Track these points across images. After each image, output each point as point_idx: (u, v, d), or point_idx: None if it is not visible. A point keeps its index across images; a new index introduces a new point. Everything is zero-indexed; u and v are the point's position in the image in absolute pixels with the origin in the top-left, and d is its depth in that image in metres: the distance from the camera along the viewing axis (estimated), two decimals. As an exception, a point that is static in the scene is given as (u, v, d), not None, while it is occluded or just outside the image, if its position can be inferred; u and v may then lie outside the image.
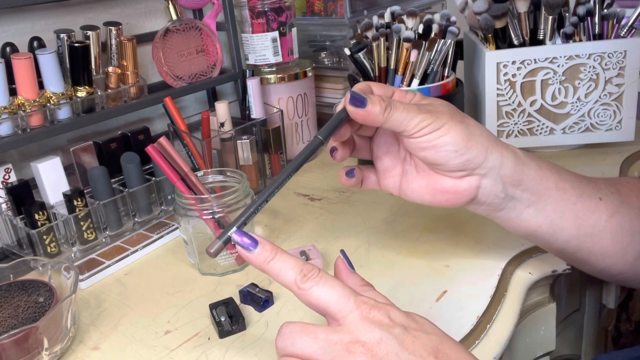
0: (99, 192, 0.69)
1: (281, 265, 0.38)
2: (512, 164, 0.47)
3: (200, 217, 0.60)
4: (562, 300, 0.71)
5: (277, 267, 0.38)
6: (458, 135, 0.45)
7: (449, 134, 0.45)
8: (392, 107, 0.44)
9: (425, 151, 0.46)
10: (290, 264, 0.38)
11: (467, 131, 0.45)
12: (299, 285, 0.37)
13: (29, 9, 0.72)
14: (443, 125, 0.45)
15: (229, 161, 0.79)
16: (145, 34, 0.83)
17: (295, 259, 0.38)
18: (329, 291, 0.37)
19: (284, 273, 0.38)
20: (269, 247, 0.39)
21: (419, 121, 0.45)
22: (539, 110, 0.79)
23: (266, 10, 0.83)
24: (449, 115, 0.45)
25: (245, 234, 0.40)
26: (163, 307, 0.57)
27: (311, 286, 0.37)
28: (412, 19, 0.76)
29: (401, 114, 0.45)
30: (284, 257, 0.38)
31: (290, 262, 0.38)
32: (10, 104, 0.65)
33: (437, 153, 0.45)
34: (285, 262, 0.38)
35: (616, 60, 0.75)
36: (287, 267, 0.38)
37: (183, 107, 0.93)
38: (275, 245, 0.39)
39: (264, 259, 0.38)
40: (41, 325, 0.48)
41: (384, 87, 0.49)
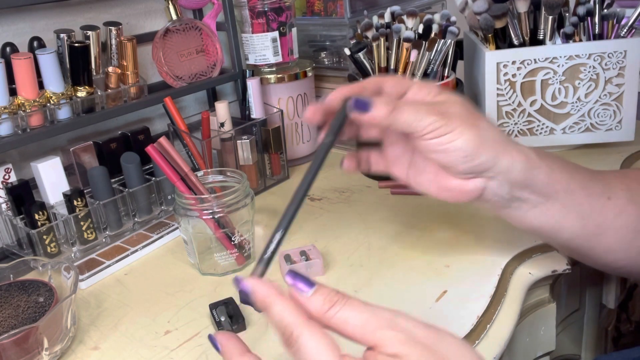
0: (99, 192, 0.69)
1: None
2: (522, 169, 0.45)
3: (200, 217, 0.60)
4: (562, 300, 0.71)
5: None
6: (469, 141, 0.43)
7: (460, 139, 0.43)
8: (398, 110, 0.43)
9: (434, 154, 0.44)
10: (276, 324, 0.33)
11: (478, 136, 0.44)
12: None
13: (29, 9, 0.72)
14: (454, 129, 0.43)
15: (229, 161, 0.79)
16: (145, 34, 0.83)
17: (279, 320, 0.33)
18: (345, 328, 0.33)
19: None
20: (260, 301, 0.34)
21: (428, 124, 0.43)
22: (539, 110, 0.79)
23: (266, 10, 0.83)
24: (461, 118, 0.44)
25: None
26: (163, 307, 0.57)
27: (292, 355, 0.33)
28: (412, 19, 0.76)
29: (408, 116, 0.43)
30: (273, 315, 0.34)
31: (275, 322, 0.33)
32: (10, 104, 0.65)
33: (446, 156, 0.44)
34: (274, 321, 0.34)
35: (616, 60, 0.75)
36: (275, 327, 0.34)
37: (183, 107, 0.93)
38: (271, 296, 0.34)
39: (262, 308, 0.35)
40: (41, 325, 0.48)
41: (399, 82, 0.47)
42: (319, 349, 0.32)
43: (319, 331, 0.32)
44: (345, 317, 0.33)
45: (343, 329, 0.33)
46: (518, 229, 0.62)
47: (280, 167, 0.85)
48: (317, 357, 0.31)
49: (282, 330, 0.33)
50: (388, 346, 0.32)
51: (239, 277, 0.35)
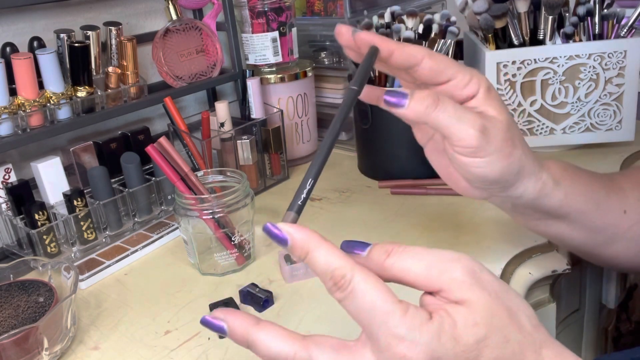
0: (99, 192, 0.69)
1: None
2: (533, 197, 0.44)
3: (200, 217, 0.60)
4: (562, 300, 0.71)
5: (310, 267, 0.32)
6: (495, 173, 0.41)
7: (487, 169, 0.40)
8: (438, 106, 0.37)
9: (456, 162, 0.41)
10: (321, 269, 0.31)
11: (506, 170, 0.41)
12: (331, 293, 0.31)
13: (29, 9, 0.72)
14: (487, 156, 0.39)
15: (229, 161, 0.79)
16: (145, 34, 0.83)
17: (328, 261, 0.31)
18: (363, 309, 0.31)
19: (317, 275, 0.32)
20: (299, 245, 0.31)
21: (465, 137, 0.38)
22: (539, 110, 0.79)
23: (266, 10, 0.83)
24: (499, 144, 0.40)
25: (273, 229, 0.32)
26: (163, 307, 0.57)
27: (340, 300, 0.31)
28: (412, 19, 0.76)
29: (449, 120, 0.38)
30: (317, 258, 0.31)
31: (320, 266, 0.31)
32: (10, 104, 0.65)
33: (466, 172, 0.41)
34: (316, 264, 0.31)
35: (616, 60, 0.75)
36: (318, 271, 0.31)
37: (183, 107, 0.93)
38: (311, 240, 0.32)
39: (297, 257, 0.32)
40: (41, 325, 0.48)
41: (441, 63, 0.40)
42: (375, 292, 0.29)
43: (372, 274, 0.30)
44: (406, 265, 0.31)
45: (405, 277, 0.31)
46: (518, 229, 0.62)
47: (280, 167, 0.85)
48: (374, 300, 0.29)
49: (331, 274, 0.30)
50: (454, 291, 0.30)
51: (269, 225, 0.32)
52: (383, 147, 0.78)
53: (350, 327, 0.51)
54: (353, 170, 0.86)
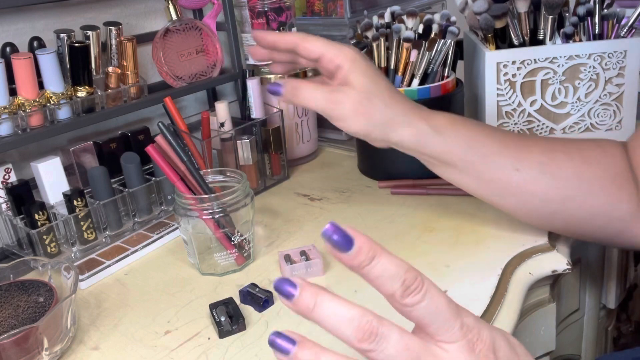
0: (99, 192, 0.69)
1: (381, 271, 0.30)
2: (412, 143, 0.55)
3: (200, 217, 0.60)
4: (562, 300, 0.71)
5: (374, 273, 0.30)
6: (358, 129, 0.54)
7: (351, 128, 0.54)
8: (298, 91, 0.53)
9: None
10: (391, 273, 0.30)
11: (366, 125, 0.54)
12: (399, 301, 0.30)
13: (29, 9, 0.72)
14: (343, 119, 0.53)
15: (229, 161, 0.79)
16: (145, 34, 0.83)
17: (398, 263, 0.30)
18: (434, 311, 0.30)
19: (381, 282, 0.30)
20: (367, 248, 0.30)
21: (323, 108, 0.53)
22: (539, 110, 0.79)
23: (266, 10, 0.83)
24: (351, 107, 0.53)
25: (339, 228, 0.31)
26: (163, 307, 0.57)
27: (413, 303, 0.30)
28: (412, 19, 0.76)
29: (304, 99, 0.53)
30: (384, 262, 0.30)
31: (391, 270, 0.30)
32: (10, 104, 0.65)
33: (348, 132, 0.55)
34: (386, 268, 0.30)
35: (616, 60, 0.75)
36: (387, 276, 0.30)
37: (183, 107, 0.93)
38: (374, 243, 0.31)
39: (359, 263, 0.30)
40: (41, 325, 0.48)
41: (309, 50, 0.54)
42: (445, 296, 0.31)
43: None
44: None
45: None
46: (518, 230, 0.62)
47: (280, 167, 0.85)
48: (446, 301, 0.30)
49: (403, 275, 0.30)
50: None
51: (332, 224, 0.31)
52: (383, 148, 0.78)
53: (350, 327, 0.51)
54: (353, 170, 0.86)
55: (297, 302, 0.30)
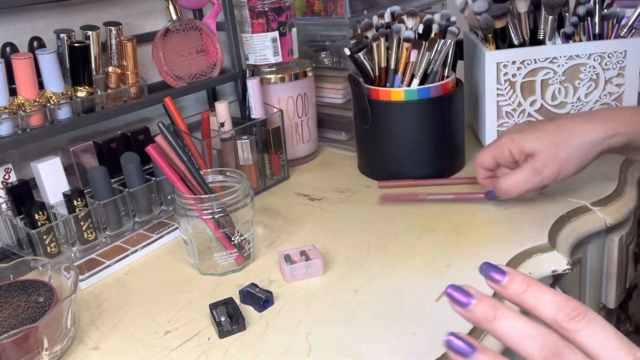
0: (99, 192, 0.69)
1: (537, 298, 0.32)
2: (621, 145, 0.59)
3: (200, 217, 0.60)
4: (562, 300, 0.71)
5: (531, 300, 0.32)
6: (573, 171, 0.60)
7: (568, 174, 0.60)
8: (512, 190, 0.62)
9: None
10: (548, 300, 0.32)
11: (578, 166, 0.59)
12: (563, 326, 0.31)
13: (29, 9, 0.72)
14: (558, 175, 0.60)
15: (229, 161, 0.79)
16: (145, 34, 0.83)
17: (554, 292, 0.32)
18: (602, 338, 0.30)
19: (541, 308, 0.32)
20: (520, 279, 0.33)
21: (540, 182, 0.60)
22: (539, 110, 0.79)
23: (266, 10, 0.83)
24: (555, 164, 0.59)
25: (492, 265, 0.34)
26: (163, 307, 0.57)
27: (577, 329, 0.30)
28: (412, 19, 0.76)
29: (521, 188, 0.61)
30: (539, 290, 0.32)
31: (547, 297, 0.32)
32: (10, 104, 0.65)
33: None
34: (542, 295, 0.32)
35: (616, 60, 0.75)
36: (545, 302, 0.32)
37: (183, 107, 0.93)
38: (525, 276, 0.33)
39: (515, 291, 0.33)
40: (41, 325, 0.48)
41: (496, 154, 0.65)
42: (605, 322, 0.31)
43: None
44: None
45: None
46: (519, 230, 0.62)
47: (280, 167, 0.85)
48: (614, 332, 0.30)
49: (564, 304, 0.31)
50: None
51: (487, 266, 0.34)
52: (383, 147, 0.78)
53: (350, 327, 0.51)
54: (353, 170, 0.86)
55: (475, 311, 0.32)
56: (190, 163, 0.60)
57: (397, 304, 0.54)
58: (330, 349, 0.48)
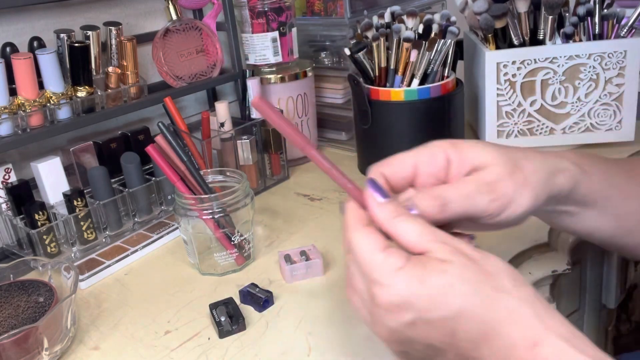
0: (99, 192, 0.69)
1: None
2: (567, 190, 0.44)
3: (200, 217, 0.60)
4: (562, 300, 0.71)
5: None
6: (529, 204, 0.41)
7: (521, 208, 0.41)
8: (447, 205, 0.39)
9: (495, 226, 0.42)
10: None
11: (533, 193, 0.41)
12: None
13: (29, 9, 0.72)
14: (511, 202, 0.40)
15: (229, 161, 0.79)
16: (145, 34, 0.83)
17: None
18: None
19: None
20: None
21: (485, 207, 0.40)
22: (539, 110, 0.79)
23: (266, 10, 0.83)
24: (512, 183, 0.40)
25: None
26: (163, 307, 0.57)
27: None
28: (412, 19, 0.76)
29: (461, 205, 0.39)
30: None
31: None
32: (10, 104, 0.65)
33: (506, 223, 0.42)
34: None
35: (616, 60, 0.75)
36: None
37: (183, 107, 0.93)
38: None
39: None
40: (41, 325, 0.48)
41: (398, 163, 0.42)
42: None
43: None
44: (405, 228, 0.36)
45: (400, 238, 0.36)
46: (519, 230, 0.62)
47: (280, 167, 0.85)
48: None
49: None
50: (437, 253, 0.34)
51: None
52: (383, 148, 0.78)
53: (350, 327, 0.51)
54: (353, 171, 0.86)
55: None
56: (190, 163, 0.60)
57: (397, 304, 0.53)
58: (330, 349, 0.48)
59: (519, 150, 0.43)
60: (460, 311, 0.33)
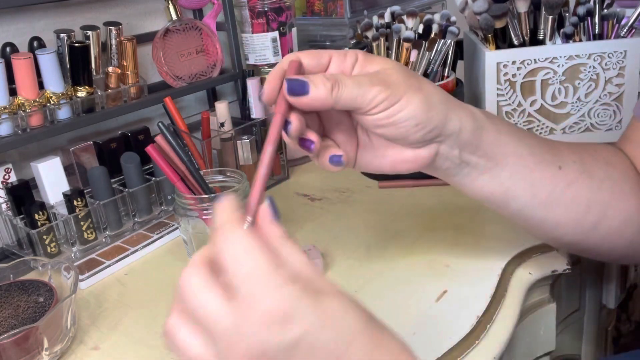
0: (99, 192, 0.69)
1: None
2: (471, 129, 0.44)
3: (200, 217, 0.60)
4: (562, 300, 0.71)
5: None
6: (418, 108, 0.41)
7: (409, 107, 0.40)
8: (339, 85, 0.39)
9: (383, 128, 0.42)
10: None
11: (426, 101, 0.41)
12: None
13: (29, 9, 0.72)
14: (401, 97, 0.40)
15: (229, 161, 0.79)
16: (145, 34, 0.83)
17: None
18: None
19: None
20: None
21: (374, 96, 0.40)
22: (539, 110, 0.79)
23: (266, 10, 0.83)
24: (405, 85, 0.41)
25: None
26: (163, 307, 0.57)
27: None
28: (412, 19, 0.76)
29: (352, 90, 0.39)
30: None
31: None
32: (10, 104, 0.65)
33: (396, 129, 0.41)
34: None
35: (616, 60, 0.75)
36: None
37: (183, 107, 0.93)
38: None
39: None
40: (41, 325, 0.48)
41: (316, 55, 0.42)
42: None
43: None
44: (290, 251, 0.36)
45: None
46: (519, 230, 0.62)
47: (280, 167, 0.85)
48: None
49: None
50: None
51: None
52: (383, 147, 0.78)
53: (350, 327, 0.51)
54: (353, 171, 0.85)
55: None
56: (190, 163, 0.60)
57: (397, 304, 0.54)
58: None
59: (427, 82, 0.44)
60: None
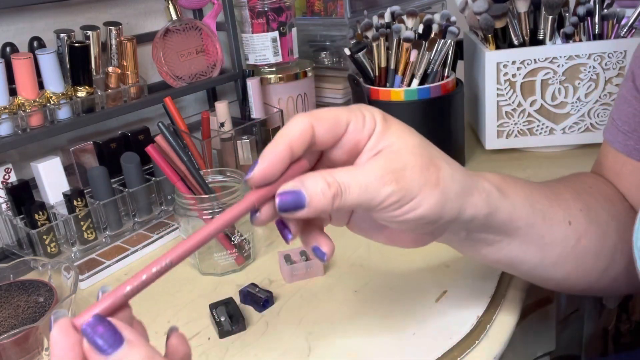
0: (99, 192, 0.69)
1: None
2: (484, 215, 0.40)
3: (200, 217, 0.60)
4: (562, 300, 0.71)
5: None
6: (432, 207, 0.36)
7: (422, 207, 0.36)
8: (343, 194, 0.34)
9: (392, 223, 0.38)
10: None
11: (442, 197, 0.37)
12: None
13: (29, 9, 0.72)
14: (415, 197, 0.36)
15: (229, 161, 0.79)
16: (145, 34, 0.83)
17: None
18: None
19: None
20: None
21: (383, 199, 0.35)
22: (539, 110, 0.79)
23: (266, 10, 0.83)
24: (421, 179, 0.36)
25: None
26: (163, 307, 0.57)
27: None
28: (412, 19, 0.76)
29: (357, 197, 0.34)
30: None
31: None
32: (10, 104, 0.65)
33: (406, 224, 0.37)
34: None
35: (616, 60, 0.75)
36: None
37: (183, 107, 0.93)
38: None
39: None
40: (41, 325, 0.48)
41: (332, 122, 0.36)
42: None
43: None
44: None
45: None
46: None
47: (280, 167, 0.85)
48: None
49: None
50: None
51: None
52: (383, 147, 0.78)
53: (350, 327, 0.51)
54: (353, 170, 0.85)
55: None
56: (190, 163, 0.60)
57: (397, 304, 0.54)
58: (330, 349, 0.48)
59: (443, 153, 0.39)
60: None
